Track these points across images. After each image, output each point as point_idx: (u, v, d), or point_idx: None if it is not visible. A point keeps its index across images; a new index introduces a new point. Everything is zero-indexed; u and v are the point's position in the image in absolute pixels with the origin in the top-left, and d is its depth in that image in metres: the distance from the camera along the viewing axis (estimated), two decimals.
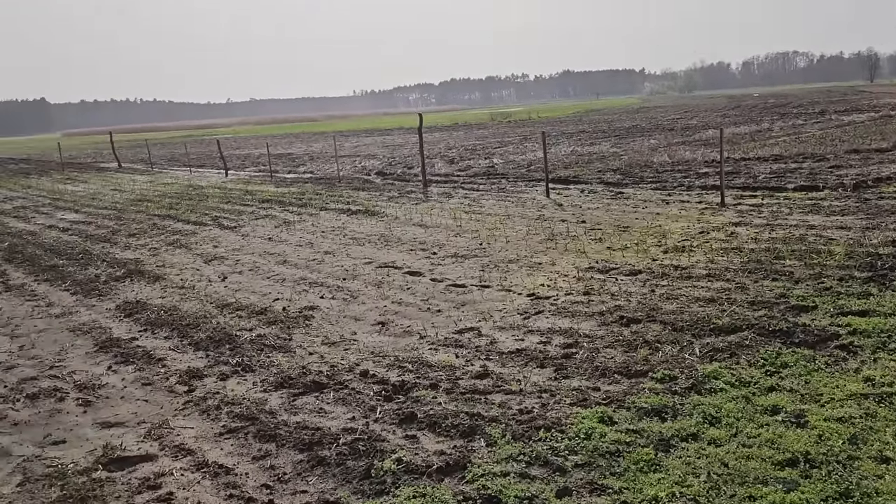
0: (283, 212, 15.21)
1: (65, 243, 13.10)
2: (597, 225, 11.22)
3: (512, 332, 6.46)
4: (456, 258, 9.64)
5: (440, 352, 6.10)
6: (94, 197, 21.39)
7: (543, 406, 4.79)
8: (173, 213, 16.23)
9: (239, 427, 4.91)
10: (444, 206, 14.47)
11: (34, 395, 5.82)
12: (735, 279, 7.45)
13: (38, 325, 7.93)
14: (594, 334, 6.16)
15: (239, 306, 8.00)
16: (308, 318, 7.37)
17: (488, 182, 18.17)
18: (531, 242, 10.26)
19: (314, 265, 9.88)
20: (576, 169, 19.22)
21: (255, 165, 29.76)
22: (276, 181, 22.39)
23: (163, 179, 26.26)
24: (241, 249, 11.40)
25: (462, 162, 24.10)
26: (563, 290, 7.65)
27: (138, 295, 8.91)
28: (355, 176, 22.32)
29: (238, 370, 6.03)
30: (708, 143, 23.79)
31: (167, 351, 6.69)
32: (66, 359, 6.71)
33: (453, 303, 7.58)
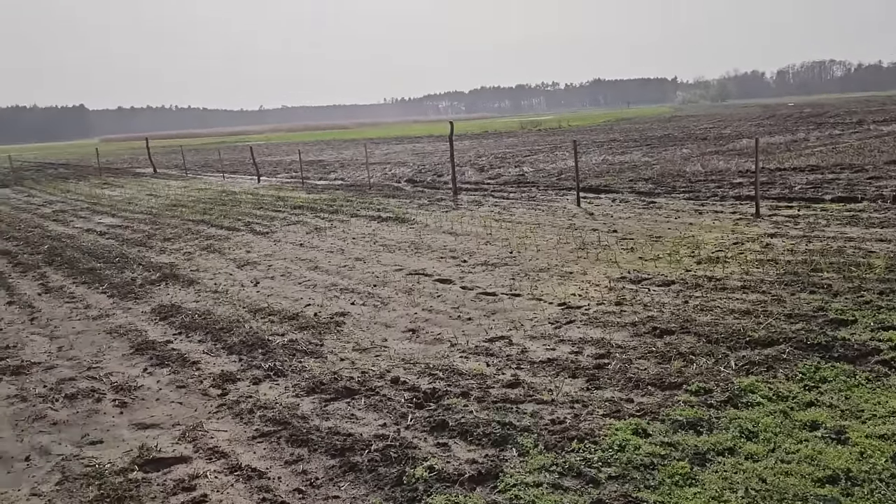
0: (315, 218, 15.33)
1: (102, 247, 13.35)
2: (628, 234, 11.12)
3: (543, 341, 6.43)
4: (486, 266, 9.63)
5: (471, 360, 6.09)
6: (131, 201, 21.78)
7: (576, 417, 4.74)
8: (207, 218, 16.46)
9: (271, 431, 4.95)
10: (475, 213, 14.47)
11: (72, 396, 5.93)
12: (771, 291, 7.32)
13: (76, 327, 8.08)
14: (627, 345, 6.10)
15: (271, 311, 8.08)
16: (339, 324, 7.40)
17: (518, 190, 18.13)
18: (562, 251, 10.20)
19: (345, 271, 9.94)
20: (607, 178, 19.10)
21: (287, 172, 30.08)
22: (308, 187, 22.59)
23: (197, 185, 26.65)
24: (273, 255, 11.51)
25: (492, 170, 24.10)
26: (595, 300, 7.59)
27: (173, 298, 9.04)
28: (385, 183, 22.43)
29: (270, 374, 6.07)
30: (742, 153, 23.49)
31: (201, 354, 6.77)
32: (104, 360, 6.83)
33: (484, 311, 7.56)
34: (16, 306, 9.23)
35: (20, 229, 16.60)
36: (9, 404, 5.87)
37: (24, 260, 12.44)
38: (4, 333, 7.99)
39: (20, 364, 6.84)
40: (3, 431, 5.33)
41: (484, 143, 42.47)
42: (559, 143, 36.71)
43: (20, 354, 7.17)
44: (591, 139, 38.58)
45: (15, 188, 30.78)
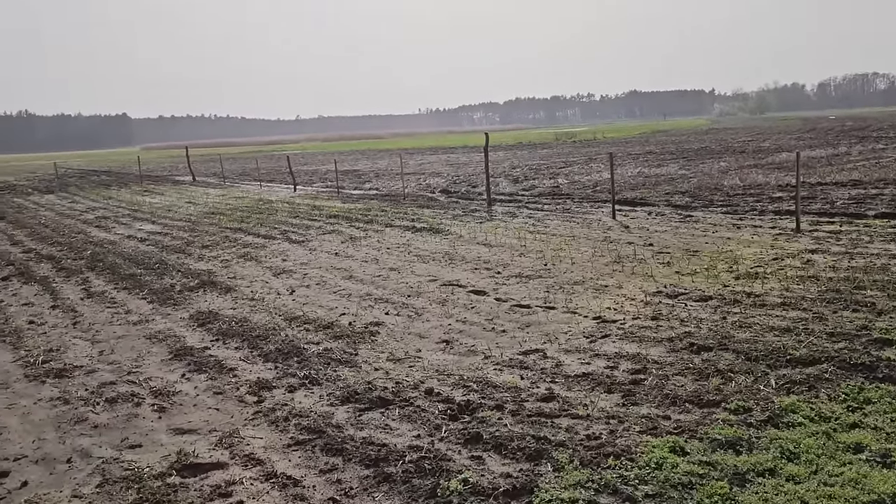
0: (350, 227, 15.45)
1: (142, 253, 13.62)
2: (665, 248, 11.00)
3: (578, 355, 6.38)
4: (520, 278, 9.59)
5: (505, 372, 6.06)
6: (170, 209, 22.19)
7: (612, 433, 4.69)
8: (244, 226, 16.69)
9: (306, 439, 4.98)
10: (509, 225, 14.45)
11: (113, 400, 6.04)
12: (812, 309, 7.17)
13: (117, 332, 8.24)
14: (663, 361, 6.02)
15: (306, 319, 8.15)
16: (374, 334, 7.44)
17: (553, 202, 18.07)
18: (597, 264, 10.13)
19: (379, 281, 9.99)
20: (643, 191, 18.93)
21: (323, 181, 30.39)
22: (343, 197, 22.79)
23: (234, 193, 27.07)
24: (308, 264, 11.62)
25: (526, 181, 24.05)
26: (631, 315, 7.51)
27: (211, 305, 9.17)
28: (420, 193, 22.53)
29: (305, 383, 6.12)
30: (781, 167, 23.11)
31: (238, 361, 6.86)
32: (143, 365, 6.95)
33: (518, 323, 7.54)
34: (59, 310, 9.46)
35: (64, 235, 17.02)
36: (52, 406, 6.01)
37: (68, 265, 12.75)
38: (48, 337, 8.18)
39: (63, 367, 6.99)
40: (47, 433, 5.45)
41: (518, 155, 42.43)
42: (594, 155, 36.51)
43: (63, 358, 7.33)
44: (627, 151, 38.29)
45: (60, 194, 31.58)
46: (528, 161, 35.24)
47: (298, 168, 38.37)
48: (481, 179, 24.57)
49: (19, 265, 13.06)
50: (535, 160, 35.78)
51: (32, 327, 8.64)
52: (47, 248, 15.09)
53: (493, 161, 33.62)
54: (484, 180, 20.39)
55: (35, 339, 8.06)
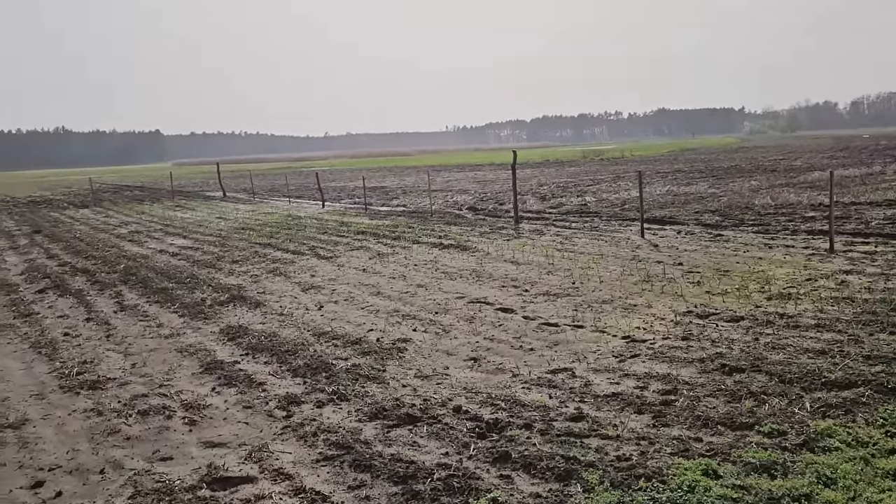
0: (377, 244, 15.54)
1: (174, 267, 13.82)
2: (694, 268, 10.88)
3: (607, 374, 6.32)
4: (548, 296, 9.55)
5: (533, 391, 6.03)
6: (201, 224, 22.51)
7: (643, 454, 4.63)
8: (273, 241, 16.87)
9: (335, 455, 4.99)
10: (536, 243, 14.42)
11: (145, 412, 6.12)
12: (848, 331, 7.04)
13: (149, 345, 8.36)
14: (694, 382, 5.94)
15: (335, 335, 8.19)
16: (401, 351, 7.45)
17: (581, 220, 18.00)
18: (626, 283, 10.05)
19: (407, 297, 10.02)
20: (672, 209, 18.79)
21: (351, 197, 30.63)
22: (371, 213, 22.94)
23: (264, 209, 27.39)
24: (336, 279, 11.70)
25: (554, 199, 24.01)
26: (660, 334, 7.44)
27: (240, 320, 9.26)
28: (447, 210, 22.59)
29: (334, 398, 6.15)
30: (814, 186, 22.79)
31: (267, 376, 6.91)
32: (174, 378, 7.04)
33: (546, 342, 7.50)
34: (93, 323, 9.62)
35: (98, 248, 17.34)
36: (85, 418, 6.10)
37: (102, 278, 12.98)
38: (83, 349, 8.32)
39: (97, 379, 7.10)
40: (80, 444, 5.53)
41: (545, 172, 42.40)
42: (622, 173, 36.35)
43: (97, 370, 7.45)
44: (655, 169, 38.06)
45: (94, 209, 32.22)
46: (556, 179, 35.20)
47: (326, 184, 38.74)
48: (508, 197, 24.58)
49: (55, 278, 13.32)
50: (562, 178, 35.72)
51: (67, 339, 8.80)
52: (82, 261, 15.38)
53: (521, 178, 33.63)
54: (511, 198, 20.38)
55: (70, 351, 8.21)
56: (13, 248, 18.47)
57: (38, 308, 10.77)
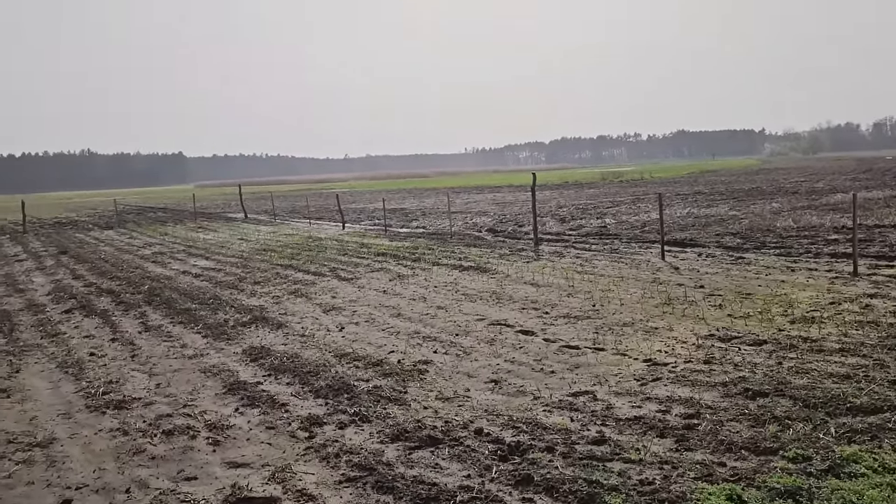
0: (397, 265, 15.62)
1: (197, 288, 13.98)
2: (716, 290, 10.83)
3: (629, 398, 6.31)
4: (568, 319, 9.55)
5: (554, 414, 6.03)
6: (223, 245, 22.77)
7: (666, 478, 4.62)
8: (294, 263, 17.02)
9: (357, 476, 5.02)
10: (556, 265, 14.42)
11: (169, 432, 6.19)
12: (873, 355, 6.97)
13: (173, 365, 8.46)
14: (717, 406, 5.91)
15: (356, 357, 8.24)
16: (422, 372, 7.48)
17: (601, 242, 17.98)
18: (646, 306, 10.03)
19: (427, 319, 10.06)
20: (692, 231, 18.72)
21: (370, 219, 30.83)
22: (390, 235, 23.08)
23: (284, 230, 27.65)
24: (357, 301, 11.78)
25: (573, 221, 24.01)
26: (682, 358, 7.41)
27: (262, 341, 9.35)
28: (466, 232, 22.67)
29: (356, 420, 6.18)
30: (836, 208, 22.61)
31: (289, 397, 6.97)
32: (198, 398, 7.12)
33: (567, 364, 7.50)
34: (118, 343, 9.76)
35: (122, 269, 17.60)
36: (111, 437, 6.18)
37: (126, 299, 13.17)
38: (108, 369, 8.44)
39: (122, 399, 7.20)
40: (106, 463, 5.61)
41: (564, 194, 42.42)
42: (642, 195, 36.28)
43: (122, 389, 7.55)
44: (675, 191, 37.94)
45: (118, 230, 32.71)
46: (575, 200, 35.20)
47: (346, 206, 39.02)
48: (528, 219, 24.62)
49: (81, 298, 13.54)
50: (581, 200, 35.72)
51: (93, 359, 8.93)
52: (107, 282, 15.61)
53: (540, 200, 33.66)
54: (530, 219, 20.43)
55: (96, 371, 8.33)
56: (40, 269, 18.80)
57: (64, 328, 10.95)
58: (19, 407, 7.18)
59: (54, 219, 44.23)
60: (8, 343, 10.05)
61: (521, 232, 21.60)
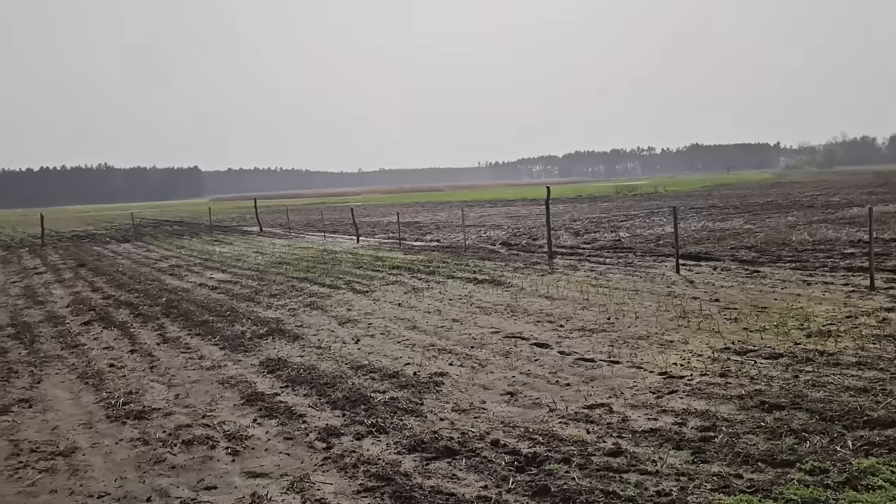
0: (412, 278, 15.70)
1: (214, 301, 14.12)
2: (731, 304, 10.81)
3: (644, 410, 6.32)
4: (583, 332, 9.57)
5: (570, 426, 6.05)
6: (239, 258, 22.96)
7: (682, 489, 4.63)
8: (310, 276, 17.14)
9: (375, 486, 5.07)
10: (570, 278, 14.44)
11: (189, 442, 6.27)
12: (890, 369, 6.94)
13: (191, 377, 8.56)
14: (733, 418, 5.91)
15: (372, 368, 8.31)
16: (438, 384, 7.53)
17: (615, 256, 17.98)
18: (661, 319, 10.03)
19: (442, 332, 10.11)
20: (707, 245, 18.67)
21: (384, 232, 30.97)
22: (405, 248, 23.17)
23: (299, 243, 27.83)
24: (372, 313, 11.85)
25: (587, 234, 24.01)
26: (698, 371, 7.41)
27: (279, 353, 9.44)
28: (480, 245, 22.73)
29: (373, 431, 6.23)
30: (853, 222, 22.47)
31: (307, 408, 7.03)
32: (217, 409, 7.20)
33: (582, 377, 7.52)
34: (137, 354, 9.88)
35: (140, 282, 17.78)
36: (132, 447, 6.27)
37: (145, 311, 13.31)
38: (128, 380, 8.55)
39: (142, 409, 7.29)
40: (128, 472, 5.69)
41: (578, 208, 42.41)
42: (656, 209, 36.21)
43: (142, 400, 7.65)
44: (689, 205, 37.84)
45: (135, 243, 33.04)
46: (589, 214, 35.19)
47: (360, 220, 39.21)
48: (541, 232, 24.65)
49: (100, 310, 13.70)
50: (595, 213, 35.70)
51: (113, 370, 9.05)
52: (125, 294, 15.79)
53: (553, 214, 33.69)
54: (544, 233, 20.45)
55: (115, 382, 8.44)
56: (59, 281, 19.04)
57: (84, 339, 11.10)
58: (41, 417, 7.29)
59: (72, 232, 44.74)
60: (29, 354, 10.20)
61: (535, 245, 21.62)
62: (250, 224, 43.48)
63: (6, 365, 9.56)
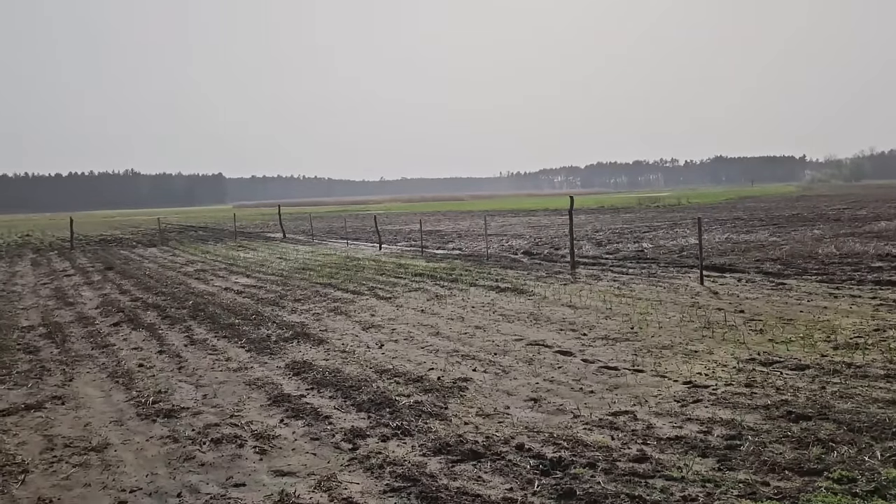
0: (435, 286, 15.77)
1: (239, 304, 14.29)
2: (756, 315, 10.74)
3: (669, 418, 6.32)
4: (607, 340, 9.57)
5: (595, 432, 6.07)
6: (263, 264, 23.19)
7: (709, 496, 4.64)
8: (333, 281, 17.28)
9: (402, 487, 5.13)
10: (593, 287, 14.42)
11: (217, 440, 6.37)
12: None
13: (218, 377, 8.69)
14: (759, 428, 5.90)
15: (396, 373, 8.38)
16: (462, 389, 7.58)
17: (638, 266, 17.92)
18: (686, 329, 10.00)
19: (466, 339, 10.16)
20: (731, 257, 18.55)
21: (406, 240, 31.10)
22: (427, 256, 23.26)
23: (322, 250, 28.04)
24: (396, 319, 11.93)
25: (610, 245, 23.95)
26: (723, 381, 7.39)
27: (305, 356, 9.54)
28: (502, 254, 22.76)
29: (398, 433, 6.30)
30: (881, 236, 22.19)
31: (332, 409, 7.11)
32: (244, 409, 7.30)
33: (606, 385, 7.53)
34: (165, 355, 10.04)
35: (167, 286, 18.04)
36: (162, 444, 6.39)
37: (172, 314, 13.51)
38: (157, 379, 8.70)
39: (171, 408, 7.42)
40: (158, 469, 5.80)
41: (601, 218, 42.27)
42: (679, 220, 35.99)
43: (171, 399, 7.78)
44: (713, 217, 37.57)
45: (161, 248, 33.48)
46: (611, 225, 35.07)
47: (382, 227, 39.40)
48: (564, 242, 24.64)
49: (128, 312, 13.93)
50: (618, 224, 35.57)
51: (142, 370, 9.21)
52: (152, 297, 16.03)
53: (576, 224, 33.62)
54: (567, 242, 20.46)
55: (145, 381, 8.59)
56: (88, 284, 19.37)
57: (113, 340, 11.29)
58: (74, 413, 7.45)
59: (100, 236, 45.44)
60: (61, 353, 10.41)
61: (558, 255, 21.61)
62: (273, 230, 43.87)
63: (39, 363, 9.76)
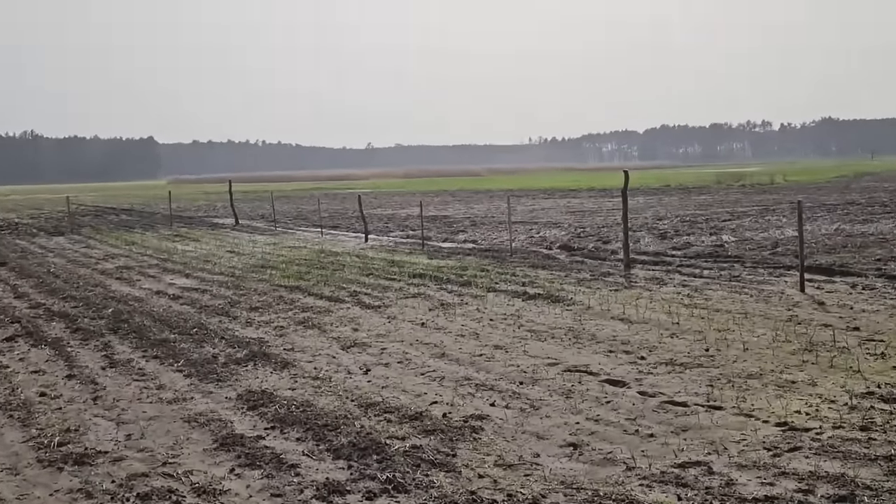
0: (440, 291, 15.83)
1: (176, 314, 14.39)
2: (877, 334, 10.75)
3: (756, 472, 6.34)
4: (672, 366, 9.60)
5: (655, 490, 6.09)
6: (208, 259, 23.31)
7: None
8: (302, 284, 17.36)
9: None
10: (655, 295, 14.45)
11: (146, 496, 6.41)
12: None
13: (147, 412, 8.75)
14: (879, 487, 5.90)
15: (387, 407, 8.42)
16: (476, 430, 7.61)
17: (715, 266, 17.95)
18: (780, 353, 10.01)
19: (481, 362, 10.20)
20: (843, 254, 18.55)
21: (402, 229, 31.21)
22: (429, 251, 23.33)
23: (288, 241, 28.17)
24: (387, 335, 11.99)
25: (678, 237, 23.98)
26: (830, 422, 7.40)
27: (263, 383, 9.60)
28: (532, 249, 22.82)
29: (389, 489, 6.32)
30: None
31: (300, 456, 7.15)
32: (181, 455, 7.35)
33: (671, 426, 7.55)
34: (76, 381, 10.11)
35: (79, 288, 18.17)
36: (71, 500, 6.43)
37: (85, 325, 13.62)
38: (64, 413, 8.77)
39: (83, 452, 7.47)
40: None
41: (665, 201, 42.31)
42: (772, 205, 35.99)
43: (83, 440, 7.84)
44: (819, 200, 37.56)
45: (70, 237, 33.71)
46: (680, 210, 35.08)
47: (370, 211, 39.52)
48: (616, 233, 24.66)
49: (26, 323, 14.04)
50: (689, 209, 35.57)
51: (45, 401, 9.28)
52: (59, 303, 16.15)
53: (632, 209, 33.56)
54: (618, 234, 20.49)
55: (49, 416, 8.66)
56: None
57: (6, 360, 11.39)
58: None
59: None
60: None
61: (607, 250, 21.63)
62: (223, 215, 44.14)
63: None
